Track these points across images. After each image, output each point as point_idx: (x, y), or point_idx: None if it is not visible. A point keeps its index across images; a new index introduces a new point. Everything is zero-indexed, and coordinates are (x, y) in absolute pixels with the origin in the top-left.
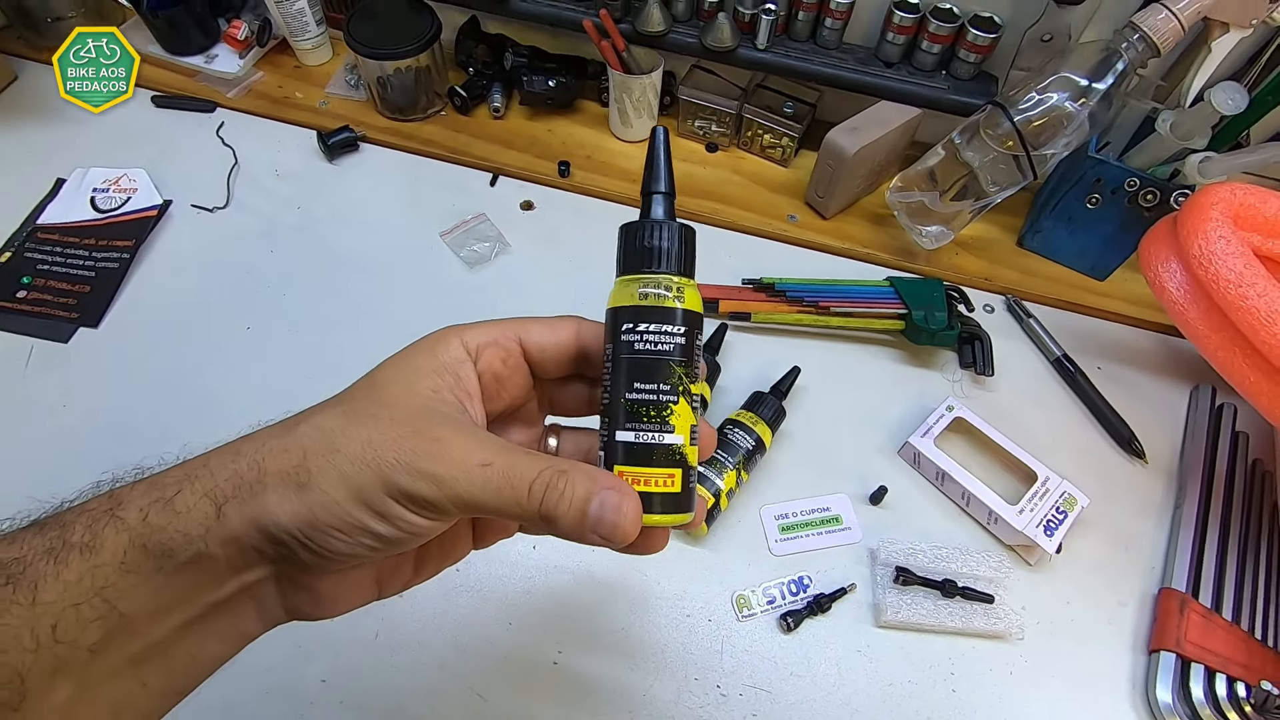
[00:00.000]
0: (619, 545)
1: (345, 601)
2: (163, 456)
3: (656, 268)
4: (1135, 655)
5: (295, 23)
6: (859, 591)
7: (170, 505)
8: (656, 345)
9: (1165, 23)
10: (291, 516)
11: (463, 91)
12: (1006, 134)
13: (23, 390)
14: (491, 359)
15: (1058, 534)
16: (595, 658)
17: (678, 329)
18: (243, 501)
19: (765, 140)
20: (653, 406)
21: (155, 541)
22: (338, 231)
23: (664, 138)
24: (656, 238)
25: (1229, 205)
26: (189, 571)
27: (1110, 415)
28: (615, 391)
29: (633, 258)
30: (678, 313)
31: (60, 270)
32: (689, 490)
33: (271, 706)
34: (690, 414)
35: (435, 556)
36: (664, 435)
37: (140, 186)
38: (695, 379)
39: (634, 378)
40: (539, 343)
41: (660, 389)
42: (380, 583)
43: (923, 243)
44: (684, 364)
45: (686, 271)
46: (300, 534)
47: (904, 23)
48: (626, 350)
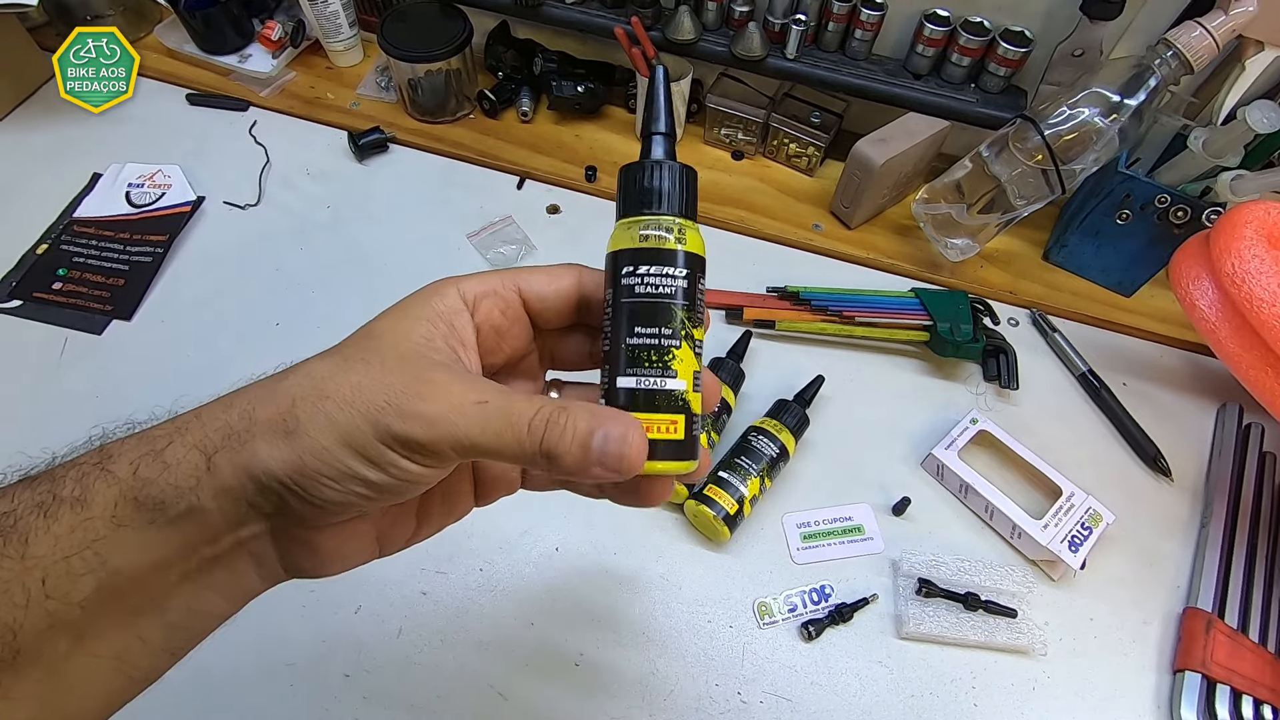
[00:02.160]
0: (625, 476)
1: (345, 557)
2: (154, 411)
3: (657, 209)
4: (1160, 675)
5: (329, 24)
6: (881, 602)
7: (160, 458)
8: (658, 288)
9: (1199, 40)
10: (281, 464)
11: (492, 95)
12: (1036, 148)
13: (57, 380)
14: (490, 310)
15: (1082, 550)
16: (616, 661)
17: (679, 271)
18: (232, 451)
19: (791, 149)
20: (654, 351)
21: (146, 494)
22: (366, 231)
23: (664, 76)
24: (656, 178)
25: (1263, 224)
26: (182, 525)
27: (1136, 432)
28: (616, 337)
29: (632, 199)
30: (679, 254)
31: (95, 263)
32: (692, 438)
33: (296, 700)
34: (693, 359)
35: (438, 512)
36: (666, 380)
37: (174, 183)
38: (698, 323)
39: (635, 322)
40: (539, 292)
41: (662, 333)
42: (381, 538)
43: (948, 255)
44: (686, 307)
45: (688, 213)
46: (291, 482)
47: (934, 35)
48: (627, 294)
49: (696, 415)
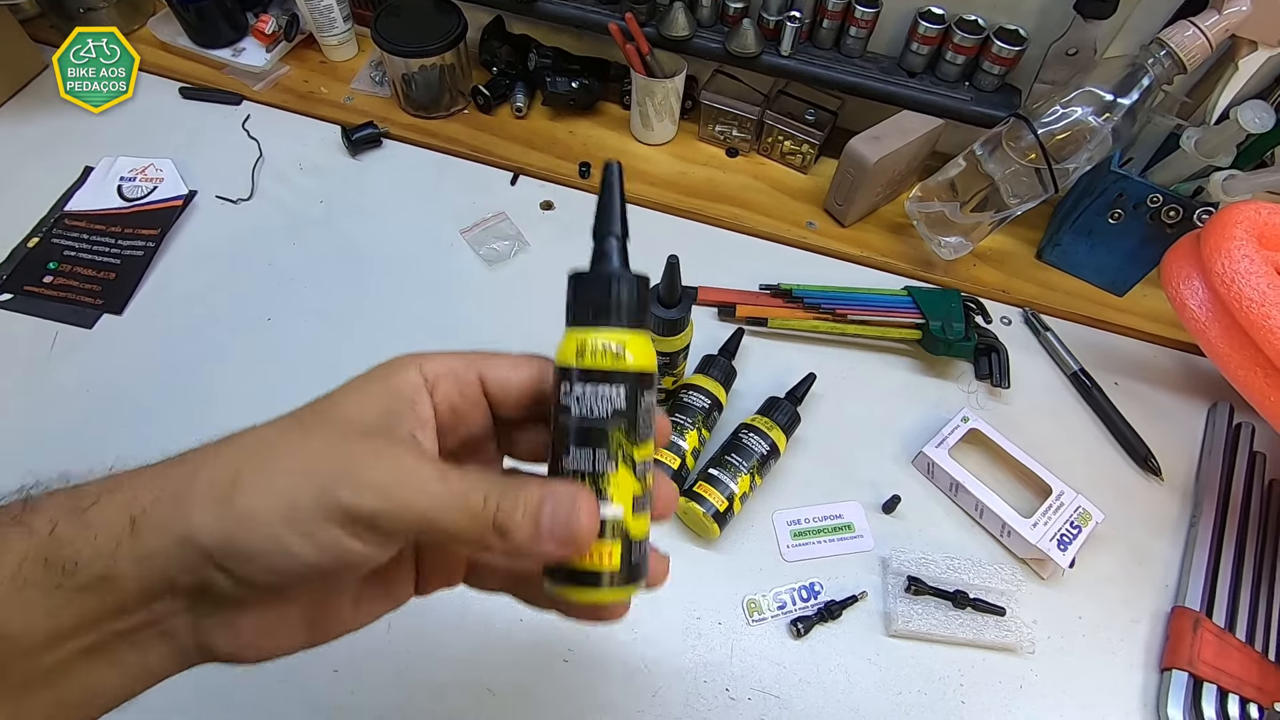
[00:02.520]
0: (577, 551)
1: (270, 643)
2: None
3: (600, 322)
4: (1147, 673)
5: (323, 18)
6: (870, 600)
7: (83, 516)
8: (593, 411)
9: (1192, 40)
10: (210, 535)
11: (486, 91)
12: (1029, 147)
13: (48, 374)
14: (449, 390)
15: (1071, 548)
16: (605, 657)
17: (617, 390)
18: (161, 514)
19: (786, 146)
20: (588, 477)
21: (58, 555)
22: (359, 226)
23: (618, 173)
24: (603, 290)
25: (1253, 224)
26: (92, 592)
27: (1126, 431)
28: (554, 456)
29: (577, 311)
30: (618, 375)
31: (86, 257)
32: (631, 564)
33: (284, 696)
34: (632, 482)
35: (377, 597)
36: (602, 507)
37: (166, 176)
38: (639, 441)
39: (570, 441)
40: (500, 378)
41: (596, 457)
42: (311, 624)
43: (941, 253)
44: (626, 429)
45: (636, 324)
46: (217, 555)
47: (929, 33)
48: (564, 413)
49: (637, 539)
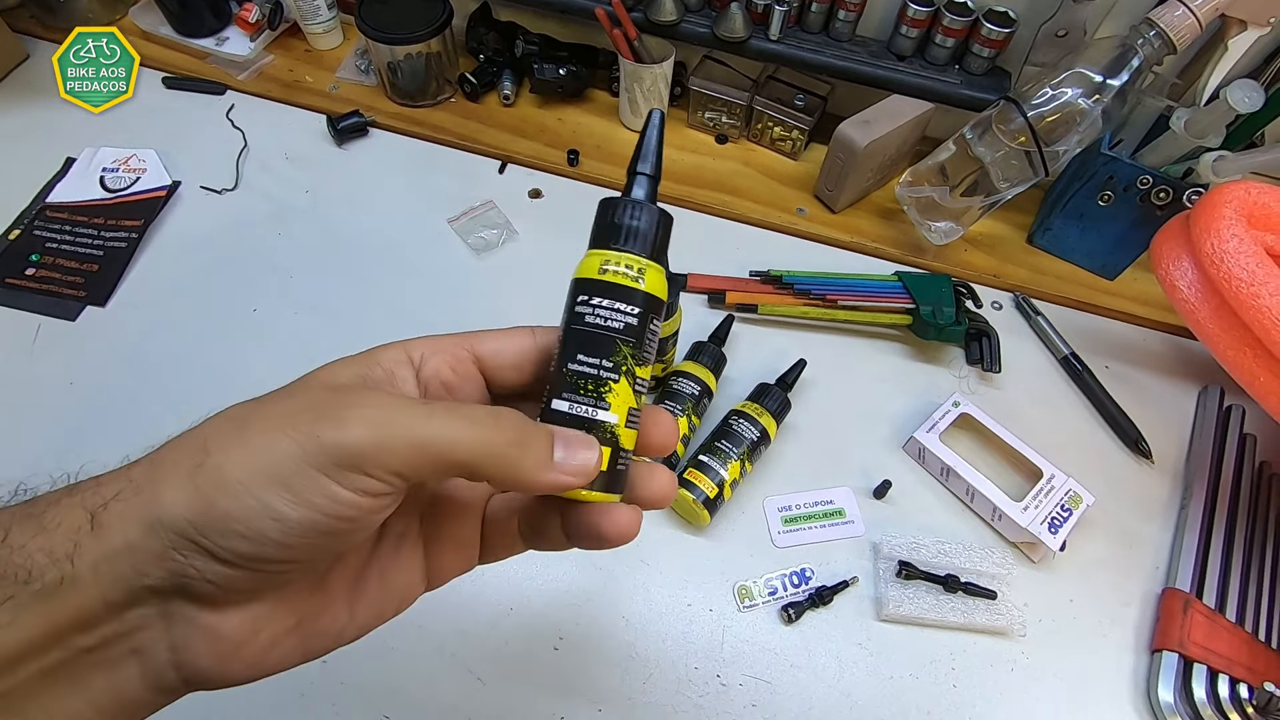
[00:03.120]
0: (585, 480)
1: (256, 651)
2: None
3: (624, 246)
4: (1138, 655)
5: (307, 6)
6: (861, 585)
7: (38, 519)
8: (606, 321)
9: (1182, 19)
10: (184, 506)
11: (473, 78)
12: (1019, 130)
13: (30, 368)
14: (439, 365)
15: (1062, 532)
16: (596, 645)
17: (631, 309)
18: (124, 503)
19: (775, 133)
20: (591, 381)
21: (12, 563)
22: (346, 216)
23: (659, 120)
24: (629, 217)
25: (1242, 204)
26: (50, 601)
27: (1117, 414)
28: (559, 362)
29: (602, 233)
30: (635, 293)
31: (69, 249)
32: (616, 471)
33: (271, 686)
34: (631, 396)
35: (375, 594)
36: (597, 411)
37: (150, 167)
38: (643, 363)
39: (578, 349)
40: (493, 350)
41: (603, 365)
42: (302, 629)
43: (932, 238)
44: (633, 344)
45: (655, 257)
46: (194, 528)
47: (918, 16)
48: (576, 321)
49: (625, 450)
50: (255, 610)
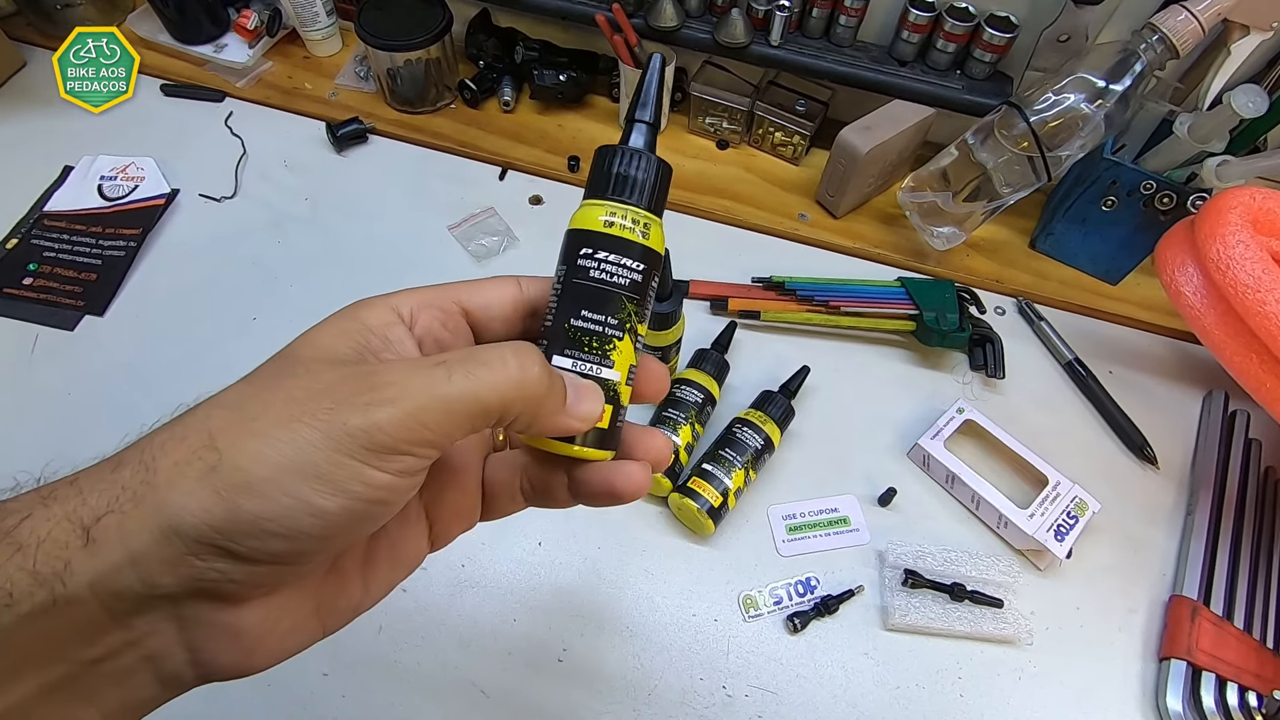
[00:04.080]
0: (586, 427)
1: (278, 641)
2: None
3: (626, 197)
4: (1145, 662)
5: (305, 13)
6: (867, 594)
7: (11, 537)
8: (612, 277)
9: (1185, 24)
10: (204, 513)
11: (473, 84)
12: (1021, 135)
13: (28, 377)
14: (430, 322)
15: (1068, 539)
16: (600, 655)
17: (636, 264)
18: (122, 515)
19: (777, 138)
20: (596, 338)
21: None
22: (345, 223)
23: (659, 66)
24: (632, 167)
25: (1248, 209)
26: (43, 619)
27: (1122, 420)
28: (560, 316)
29: (603, 182)
30: (640, 249)
31: (67, 258)
32: (615, 428)
33: (273, 698)
34: (632, 354)
35: (385, 563)
36: (602, 369)
37: (148, 175)
38: (644, 319)
39: (582, 305)
40: (482, 303)
41: (608, 322)
42: (321, 610)
43: (934, 243)
44: (636, 301)
45: (655, 209)
46: (220, 536)
47: (919, 21)
48: (580, 275)
49: (624, 407)
50: (275, 602)
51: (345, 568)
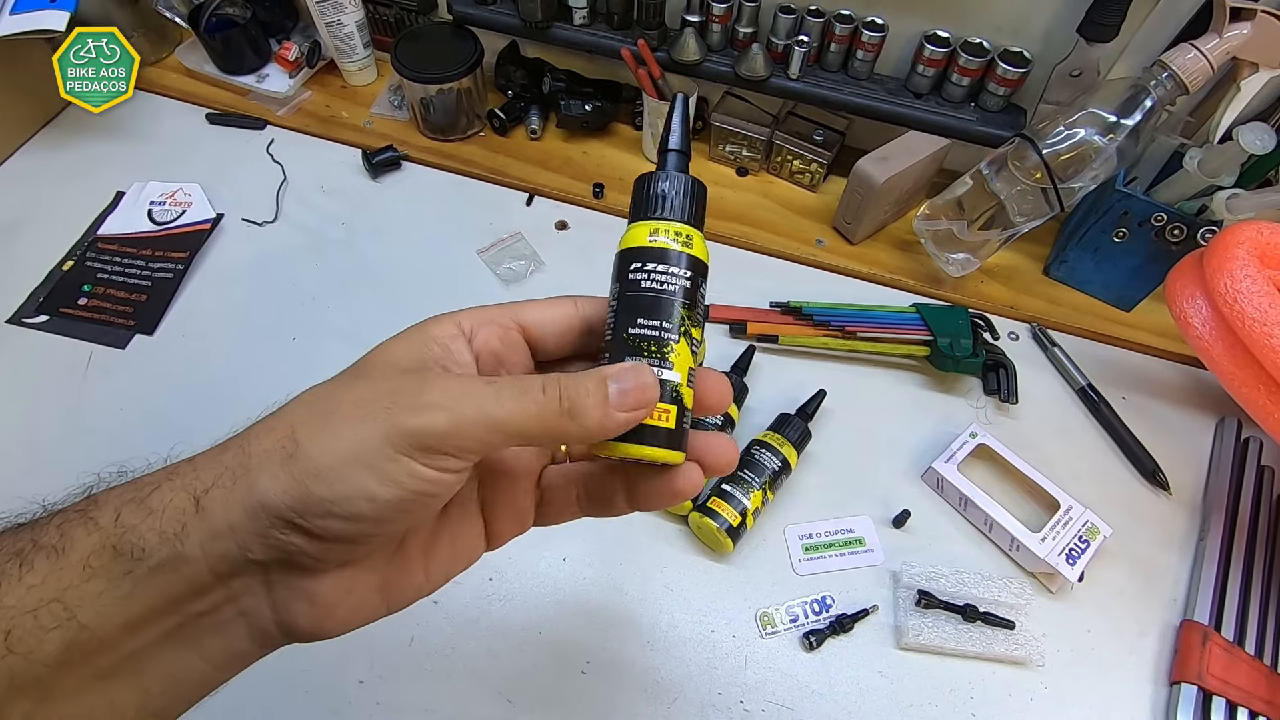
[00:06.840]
0: (646, 411)
1: (348, 611)
2: (149, 458)
3: (667, 214)
4: (1156, 686)
5: (344, 45)
6: (881, 613)
7: (145, 503)
8: (662, 284)
9: (1194, 62)
10: (281, 494)
11: (501, 114)
12: (1034, 166)
13: (82, 393)
14: (488, 337)
15: (1080, 563)
16: (622, 669)
17: (683, 271)
18: (224, 489)
19: (795, 166)
20: (654, 342)
21: (126, 542)
22: (380, 247)
23: (683, 103)
24: (670, 188)
25: (1255, 244)
26: (163, 575)
27: (1134, 446)
28: (618, 328)
29: (645, 204)
30: (684, 257)
31: (119, 279)
32: (682, 430)
33: (310, 704)
34: (689, 356)
35: (445, 555)
36: (663, 370)
37: (195, 200)
38: (697, 324)
39: (638, 314)
40: (537, 320)
41: (663, 326)
42: (386, 588)
43: (949, 270)
44: (687, 306)
45: (695, 223)
46: (293, 513)
47: (934, 56)
48: (632, 288)
49: (688, 410)
50: (346, 574)
51: (409, 553)
